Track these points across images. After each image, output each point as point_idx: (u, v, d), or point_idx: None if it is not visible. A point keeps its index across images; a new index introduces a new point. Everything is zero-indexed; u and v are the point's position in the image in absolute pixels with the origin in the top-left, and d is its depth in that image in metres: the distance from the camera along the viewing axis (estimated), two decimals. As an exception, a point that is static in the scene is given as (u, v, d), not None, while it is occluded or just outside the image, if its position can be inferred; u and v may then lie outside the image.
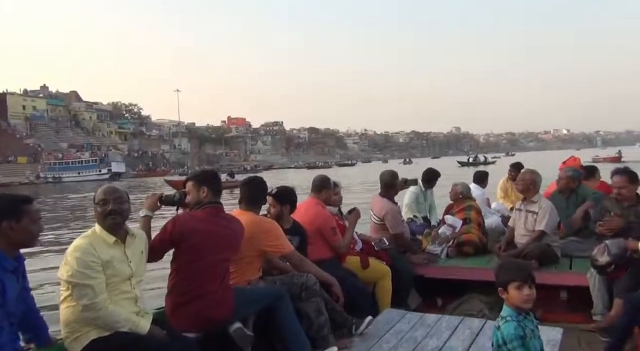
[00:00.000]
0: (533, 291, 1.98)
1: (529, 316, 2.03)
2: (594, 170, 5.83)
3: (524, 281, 1.96)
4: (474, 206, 5.31)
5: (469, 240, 4.92)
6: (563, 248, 4.55)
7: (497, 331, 1.99)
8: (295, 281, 3.02)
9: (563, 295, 4.19)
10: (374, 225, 4.80)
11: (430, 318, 3.21)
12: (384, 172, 4.99)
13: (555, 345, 2.61)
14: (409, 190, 5.95)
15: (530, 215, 4.51)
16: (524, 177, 4.69)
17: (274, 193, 3.49)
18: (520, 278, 1.97)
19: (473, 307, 4.19)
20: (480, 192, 6.33)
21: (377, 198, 4.81)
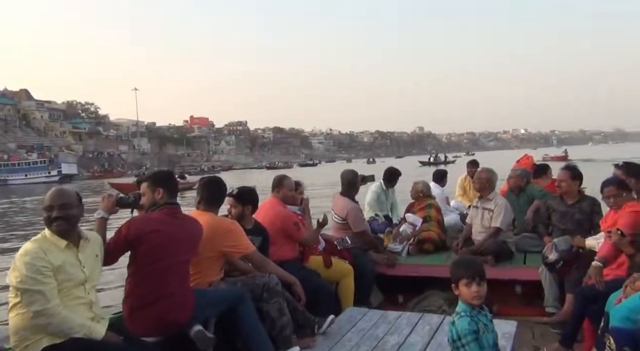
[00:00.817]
0: (481, 288, 2.02)
1: (483, 311, 2.08)
2: (546, 169, 6.07)
3: (472, 278, 2.01)
4: (434, 204, 5.43)
5: (429, 238, 5.03)
6: (517, 244, 4.73)
7: (452, 326, 2.04)
8: (257, 282, 3.00)
9: (518, 289, 4.35)
10: (336, 224, 4.83)
11: (392, 315, 3.26)
12: (345, 171, 5.04)
13: (509, 338, 2.70)
14: (371, 189, 6.04)
15: (487, 212, 4.66)
16: (480, 176, 4.84)
17: (235, 194, 3.46)
18: (468, 275, 2.02)
19: (433, 303, 4.30)
20: (439, 190, 6.48)
21: (338, 197, 4.84)
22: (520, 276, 4.30)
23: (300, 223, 3.90)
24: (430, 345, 2.78)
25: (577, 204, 4.24)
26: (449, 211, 6.33)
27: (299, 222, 3.87)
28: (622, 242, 3.19)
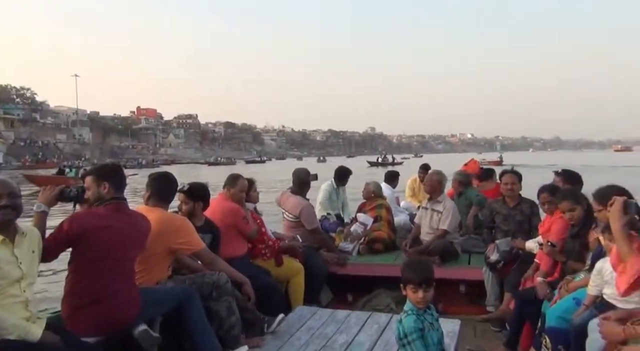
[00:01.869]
0: (427, 294, 2.07)
1: (430, 310, 2.14)
2: (491, 173, 6.35)
3: (419, 285, 2.07)
4: (385, 204, 5.53)
5: (379, 238, 5.11)
6: (463, 245, 4.90)
7: (400, 324, 2.08)
8: (207, 280, 2.94)
9: (462, 288, 4.50)
10: (288, 222, 4.82)
11: (341, 314, 3.29)
12: (297, 169, 5.03)
13: (453, 336, 2.79)
14: (322, 188, 6.07)
15: (436, 214, 4.79)
16: (431, 178, 4.97)
17: (186, 190, 3.38)
18: (415, 282, 2.08)
19: (381, 302, 4.37)
20: (390, 191, 6.60)
21: (289, 195, 4.82)
22: (464, 276, 4.45)
23: (250, 217, 3.89)
24: (378, 343, 2.82)
25: (518, 206, 4.47)
26: (399, 211, 6.47)
27: (247, 217, 3.83)
28: (554, 252, 3.43)
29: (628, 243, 2.25)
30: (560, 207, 3.40)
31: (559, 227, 3.57)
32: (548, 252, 3.43)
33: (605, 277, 2.62)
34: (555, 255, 3.42)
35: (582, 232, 3.31)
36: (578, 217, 3.33)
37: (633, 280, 2.17)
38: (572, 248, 3.35)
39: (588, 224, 3.25)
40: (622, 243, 2.26)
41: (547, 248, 3.43)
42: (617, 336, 2.11)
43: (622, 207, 2.29)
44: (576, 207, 3.33)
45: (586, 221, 3.29)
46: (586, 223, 3.28)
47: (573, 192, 3.55)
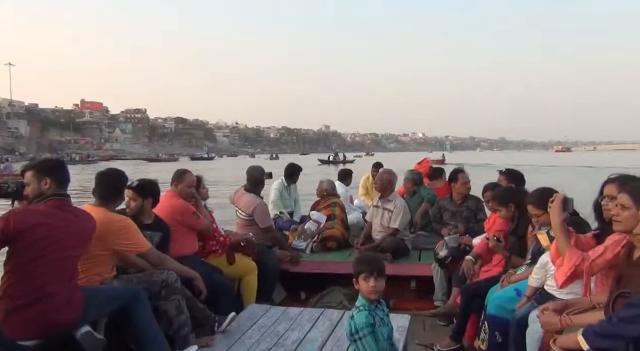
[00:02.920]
0: (378, 283, 2.11)
1: (380, 306, 2.17)
2: (441, 172, 6.54)
3: (371, 273, 2.09)
4: (339, 203, 5.57)
5: (332, 235, 5.15)
6: (413, 242, 5.02)
7: (351, 320, 2.10)
8: (155, 279, 2.85)
9: (413, 284, 4.60)
10: (241, 220, 4.75)
11: (293, 312, 3.28)
12: (251, 167, 4.97)
13: (403, 331, 2.84)
14: (273, 186, 6.04)
15: (387, 212, 4.88)
16: (382, 177, 5.05)
17: (135, 186, 3.26)
18: (367, 270, 2.10)
19: (334, 299, 4.40)
20: (344, 189, 6.65)
21: (243, 193, 4.76)
22: (415, 272, 4.55)
23: (204, 211, 3.82)
24: (330, 339, 2.83)
25: (464, 203, 4.65)
26: (353, 209, 6.53)
27: (197, 212, 3.75)
28: (498, 246, 3.57)
29: (565, 237, 2.38)
30: (489, 207, 3.59)
31: (500, 223, 3.73)
32: (493, 246, 3.58)
33: (549, 271, 2.76)
34: (500, 250, 3.57)
35: (519, 229, 3.48)
36: (504, 216, 3.56)
37: (570, 272, 2.29)
38: (513, 244, 3.51)
39: (524, 222, 3.42)
40: (561, 238, 2.38)
41: (493, 242, 3.57)
42: (554, 326, 2.22)
43: (560, 203, 2.42)
44: (501, 208, 3.56)
45: (521, 219, 3.45)
46: (521, 221, 3.45)
47: (499, 194, 3.73)
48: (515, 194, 3.63)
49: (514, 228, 3.53)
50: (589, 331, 1.88)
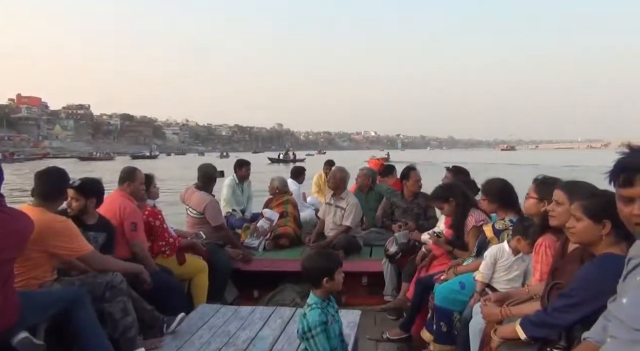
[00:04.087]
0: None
1: (331, 302, 2.19)
2: (392, 169, 6.67)
3: (341, 265, 2.17)
4: (291, 200, 5.57)
5: (284, 233, 5.14)
6: (365, 239, 5.10)
7: (303, 318, 2.09)
8: (99, 281, 2.74)
9: (364, 280, 4.67)
10: (192, 219, 4.66)
11: (245, 311, 3.25)
12: (203, 164, 4.89)
13: (354, 327, 2.88)
14: (225, 183, 5.99)
15: (339, 210, 4.93)
16: (334, 175, 5.09)
17: (77, 185, 3.12)
18: (340, 263, 2.17)
19: (287, 297, 4.40)
20: (296, 186, 6.66)
21: (194, 191, 4.67)
22: (366, 268, 4.63)
23: (140, 226, 3.56)
24: (281, 337, 2.83)
25: (415, 200, 4.77)
26: (306, 207, 6.55)
27: (138, 224, 3.53)
28: (439, 241, 3.71)
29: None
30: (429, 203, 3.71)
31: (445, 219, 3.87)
32: (435, 241, 3.71)
33: (499, 265, 2.89)
34: (442, 245, 3.70)
35: (459, 222, 3.61)
36: (448, 212, 3.71)
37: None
38: (455, 237, 3.65)
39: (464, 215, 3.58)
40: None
41: (434, 238, 3.70)
42: (495, 317, 2.32)
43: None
44: (443, 205, 3.71)
45: (462, 213, 3.59)
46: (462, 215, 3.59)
47: (436, 192, 3.84)
48: (452, 188, 3.76)
49: (456, 221, 3.65)
50: (525, 321, 1.98)
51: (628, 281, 1.48)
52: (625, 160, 1.48)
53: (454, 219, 3.67)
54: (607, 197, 1.82)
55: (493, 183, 3.33)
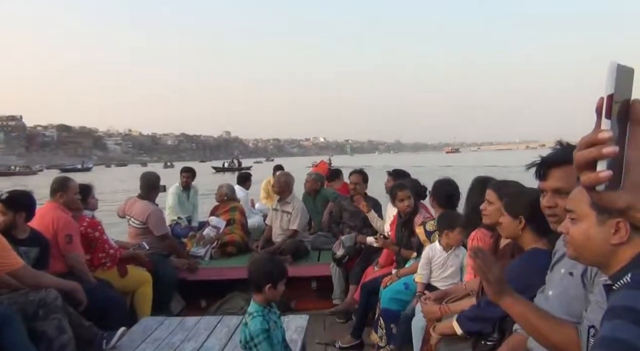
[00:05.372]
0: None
1: (273, 309, 2.17)
2: (338, 173, 6.75)
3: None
4: (239, 207, 5.51)
5: (231, 240, 5.07)
6: (313, 243, 5.12)
7: (245, 327, 2.06)
8: (31, 299, 2.59)
9: (313, 284, 4.69)
10: (134, 229, 4.51)
11: (190, 321, 3.17)
12: (146, 173, 4.76)
13: (301, 332, 2.88)
14: (170, 191, 5.87)
15: (285, 215, 4.92)
16: (279, 180, 5.10)
17: (4, 199, 2.95)
18: (286, 273, 2.15)
19: (235, 305, 4.34)
20: (244, 193, 6.60)
21: (136, 200, 4.53)
22: (315, 272, 4.64)
23: (77, 238, 3.42)
24: (228, 346, 2.78)
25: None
26: (254, 213, 6.50)
27: (73, 236, 3.38)
28: (386, 243, 3.80)
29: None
30: (400, 195, 3.68)
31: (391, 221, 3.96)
32: (382, 243, 3.79)
33: (434, 264, 2.97)
34: (389, 246, 3.78)
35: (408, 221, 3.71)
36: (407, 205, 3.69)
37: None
38: (401, 237, 3.73)
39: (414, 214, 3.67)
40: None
41: (381, 240, 3.78)
42: (435, 315, 2.40)
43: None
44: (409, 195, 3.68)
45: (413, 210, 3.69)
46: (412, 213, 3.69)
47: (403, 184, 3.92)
48: (411, 184, 3.85)
49: (403, 222, 3.74)
50: (461, 316, 2.06)
51: (554, 273, 1.58)
52: (545, 156, 1.59)
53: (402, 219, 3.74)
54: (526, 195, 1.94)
55: (440, 186, 3.45)
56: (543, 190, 1.62)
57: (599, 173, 0.57)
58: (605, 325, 0.97)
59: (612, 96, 0.57)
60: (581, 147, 0.59)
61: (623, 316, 0.93)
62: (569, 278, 1.46)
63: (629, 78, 0.59)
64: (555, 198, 1.57)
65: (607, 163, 0.57)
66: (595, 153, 0.57)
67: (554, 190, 1.58)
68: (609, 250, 1.15)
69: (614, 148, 0.55)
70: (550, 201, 1.59)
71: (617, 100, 0.57)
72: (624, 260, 1.12)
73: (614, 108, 0.57)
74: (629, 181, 0.59)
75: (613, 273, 1.14)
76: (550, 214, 1.60)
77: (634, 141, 0.59)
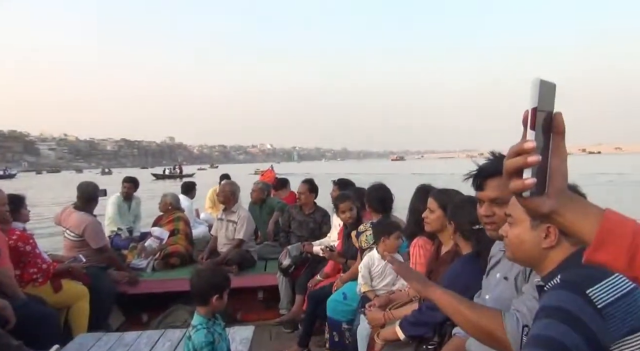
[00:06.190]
0: None
1: (218, 321, 2.15)
2: (285, 182, 6.76)
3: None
4: (183, 217, 5.37)
5: (175, 251, 4.94)
6: (259, 252, 5.08)
7: (189, 341, 2.03)
8: (-48, 319, 2.41)
9: (260, 295, 4.64)
10: (70, 242, 4.29)
11: (130, 337, 3.05)
12: (84, 182, 4.54)
13: (246, 343, 2.84)
14: (110, 201, 5.67)
15: (231, 224, 4.86)
16: (224, 189, 5.03)
17: None
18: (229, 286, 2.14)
19: (178, 318, 4.21)
20: (189, 202, 6.45)
21: (72, 212, 4.31)
22: (261, 282, 4.60)
23: (5, 251, 3.21)
24: (170, 361, 2.71)
25: (312, 214, 4.86)
26: (198, 223, 6.36)
27: (1, 249, 3.17)
28: (332, 255, 3.85)
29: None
30: (341, 207, 3.73)
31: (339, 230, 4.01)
32: (328, 256, 3.83)
33: (373, 272, 3.02)
34: (335, 258, 3.82)
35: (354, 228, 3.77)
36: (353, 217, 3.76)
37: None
38: (347, 247, 3.78)
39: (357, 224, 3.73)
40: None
41: (327, 252, 3.81)
42: (379, 321, 2.45)
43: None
44: (351, 206, 3.73)
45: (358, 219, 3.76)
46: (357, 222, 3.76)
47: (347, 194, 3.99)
48: (357, 194, 3.90)
49: (347, 233, 3.79)
50: (404, 321, 2.12)
51: (490, 278, 1.66)
52: (482, 167, 1.68)
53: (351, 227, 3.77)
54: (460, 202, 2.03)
55: (374, 191, 3.52)
56: (481, 199, 1.70)
57: (524, 181, 0.62)
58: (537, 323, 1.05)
59: (535, 109, 0.62)
60: (509, 156, 0.64)
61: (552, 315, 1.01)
62: (504, 282, 1.55)
63: (551, 92, 0.65)
64: (493, 207, 1.66)
65: (532, 171, 0.62)
66: (521, 161, 0.62)
67: (491, 200, 1.67)
68: (540, 253, 1.24)
69: (537, 157, 0.61)
70: (487, 210, 1.68)
71: (541, 113, 0.62)
72: (555, 263, 1.21)
73: (538, 120, 0.62)
74: (552, 187, 0.65)
75: (545, 275, 1.23)
76: (487, 222, 1.69)
77: (556, 150, 0.65)
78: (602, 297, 1.01)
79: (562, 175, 0.66)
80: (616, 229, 0.65)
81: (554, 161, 0.65)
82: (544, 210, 0.66)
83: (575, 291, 1.03)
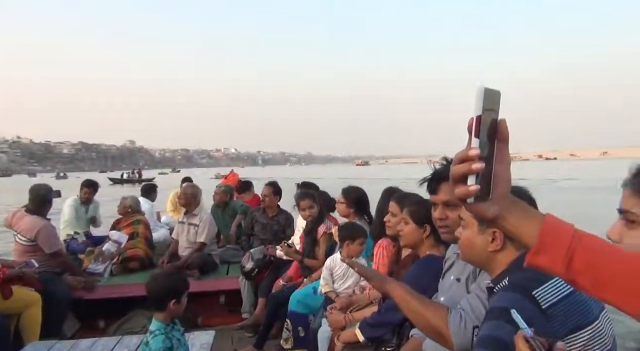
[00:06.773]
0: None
1: (177, 326, 2.12)
2: (249, 185, 6.73)
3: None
4: (143, 220, 5.25)
5: (134, 256, 4.83)
6: (221, 256, 5.02)
7: (146, 347, 1.99)
8: None
9: (222, 299, 4.58)
10: (22, 247, 4.11)
11: (85, 344, 2.95)
12: (37, 185, 4.37)
13: (207, 348, 2.79)
14: (67, 204, 5.51)
15: (193, 227, 4.79)
16: (185, 192, 4.96)
17: None
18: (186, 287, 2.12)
19: (137, 324, 4.11)
20: (149, 205, 6.32)
21: (24, 215, 4.14)
22: (223, 287, 4.55)
23: None
24: (127, 369, 2.64)
25: (276, 217, 4.84)
26: (159, 227, 6.24)
27: None
28: (289, 252, 3.86)
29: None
30: (302, 204, 3.81)
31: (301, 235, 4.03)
32: (286, 252, 3.84)
33: (335, 275, 3.04)
34: (293, 255, 3.83)
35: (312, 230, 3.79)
36: (305, 217, 3.84)
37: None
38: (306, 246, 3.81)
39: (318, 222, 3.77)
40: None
41: (285, 248, 3.82)
42: (340, 324, 2.47)
43: None
44: (313, 205, 3.83)
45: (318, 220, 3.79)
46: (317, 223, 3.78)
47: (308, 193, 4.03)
48: (320, 195, 3.94)
49: (307, 231, 3.82)
50: (363, 323, 2.14)
51: (445, 280, 1.71)
52: (436, 171, 1.73)
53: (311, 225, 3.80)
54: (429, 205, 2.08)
55: (354, 190, 3.61)
56: (435, 203, 1.75)
57: (469, 188, 0.64)
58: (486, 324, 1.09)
59: (480, 117, 0.63)
60: (455, 163, 0.66)
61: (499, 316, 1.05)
62: (457, 284, 1.60)
63: (496, 100, 0.65)
64: (446, 210, 1.71)
65: (477, 177, 0.64)
66: (466, 168, 0.64)
67: (444, 203, 1.71)
68: (489, 256, 1.28)
69: (481, 164, 0.63)
70: (441, 213, 1.72)
71: (485, 120, 0.64)
72: (503, 266, 1.26)
73: (482, 128, 0.64)
74: (496, 193, 0.68)
75: (495, 277, 1.27)
76: (441, 226, 1.74)
77: (501, 157, 0.68)
78: (546, 298, 1.06)
79: (507, 181, 0.68)
80: (555, 234, 0.67)
81: (499, 167, 0.67)
82: (488, 215, 0.68)
83: (522, 293, 1.08)
